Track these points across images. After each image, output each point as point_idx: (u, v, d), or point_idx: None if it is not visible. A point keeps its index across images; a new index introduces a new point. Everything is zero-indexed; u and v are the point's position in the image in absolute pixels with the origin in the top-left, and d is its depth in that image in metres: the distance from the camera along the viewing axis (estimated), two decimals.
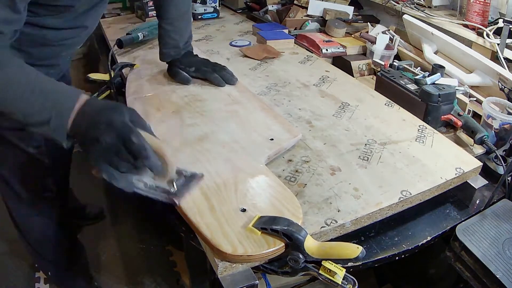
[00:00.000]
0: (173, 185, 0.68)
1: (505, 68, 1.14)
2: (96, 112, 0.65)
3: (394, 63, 1.27)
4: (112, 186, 0.64)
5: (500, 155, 0.92)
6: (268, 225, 0.62)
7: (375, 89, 1.21)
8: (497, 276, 0.70)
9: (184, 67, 1.13)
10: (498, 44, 1.19)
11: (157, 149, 0.66)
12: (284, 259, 0.64)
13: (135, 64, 1.26)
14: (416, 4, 1.54)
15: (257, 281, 0.63)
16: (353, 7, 1.78)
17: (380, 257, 0.75)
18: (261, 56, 1.40)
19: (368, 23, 1.69)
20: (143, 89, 1.11)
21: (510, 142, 0.99)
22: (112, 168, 0.64)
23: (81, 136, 0.65)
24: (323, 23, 1.74)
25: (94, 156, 0.63)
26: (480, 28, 1.25)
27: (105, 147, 0.62)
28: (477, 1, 1.26)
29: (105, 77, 1.20)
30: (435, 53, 1.35)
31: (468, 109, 1.12)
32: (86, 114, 0.65)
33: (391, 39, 1.45)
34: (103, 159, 0.63)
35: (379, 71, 1.23)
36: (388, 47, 1.43)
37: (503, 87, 1.09)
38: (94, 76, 1.19)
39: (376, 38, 1.45)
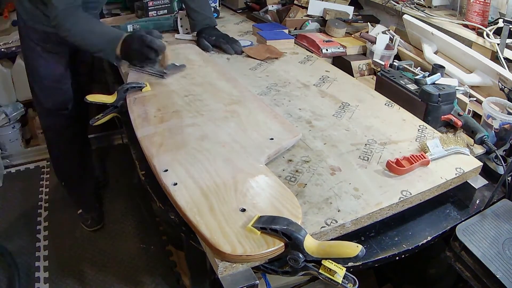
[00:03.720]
0: (166, 69, 1.19)
1: (505, 68, 1.14)
2: (132, 39, 1.18)
3: (394, 63, 1.27)
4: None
5: (500, 155, 0.92)
6: (268, 225, 0.62)
7: (375, 89, 1.21)
8: (497, 276, 0.70)
9: (207, 36, 1.49)
10: (498, 44, 1.19)
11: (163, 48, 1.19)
12: (284, 258, 0.64)
13: (144, 86, 1.10)
14: (416, 4, 1.54)
15: (257, 281, 0.63)
16: (353, 7, 1.78)
17: (380, 257, 0.75)
18: (264, 56, 1.40)
19: (368, 23, 1.69)
20: (144, 88, 1.11)
21: (510, 142, 0.99)
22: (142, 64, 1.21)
23: (127, 53, 1.19)
24: (323, 23, 1.74)
25: (134, 59, 1.21)
26: (480, 28, 1.25)
27: (140, 54, 1.18)
28: (477, 1, 1.26)
29: (104, 99, 1.07)
30: (435, 53, 1.35)
31: (468, 109, 1.11)
32: (127, 43, 1.18)
33: (391, 39, 1.45)
34: (139, 60, 1.20)
35: (379, 71, 1.23)
36: (388, 47, 1.43)
37: (503, 87, 1.09)
38: (92, 98, 1.05)
39: (376, 38, 1.44)
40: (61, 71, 1.55)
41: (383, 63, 1.32)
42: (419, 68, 1.28)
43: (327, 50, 1.50)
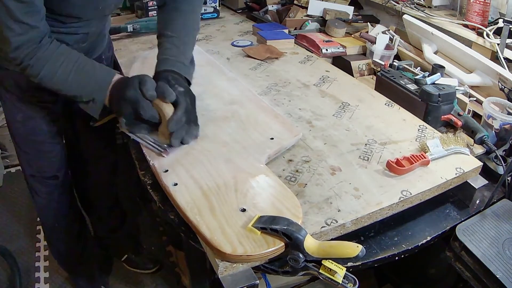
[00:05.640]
0: (166, 146, 0.85)
1: (505, 68, 1.14)
2: (117, 91, 0.85)
3: (394, 63, 1.27)
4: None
5: (500, 155, 0.91)
6: (268, 225, 0.62)
7: (375, 89, 1.21)
8: (497, 276, 0.70)
9: (174, 83, 0.87)
10: (498, 44, 1.19)
11: (160, 110, 0.85)
12: (284, 258, 0.64)
13: None
14: (416, 4, 1.54)
15: (258, 281, 0.63)
16: (353, 7, 1.78)
17: (380, 257, 0.75)
18: (264, 56, 1.40)
19: (368, 23, 1.69)
20: None
21: (510, 142, 0.99)
22: (132, 128, 0.87)
23: (114, 109, 0.87)
24: (323, 23, 1.74)
25: (122, 122, 0.86)
26: (480, 28, 1.25)
27: (126, 116, 0.85)
28: (477, 1, 1.26)
29: None
30: (435, 53, 1.35)
31: (468, 109, 1.12)
32: (113, 95, 0.86)
33: (391, 39, 1.45)
34: (127, 123, 0.86)
35: (379, 71, 1.23)
36: (388, 47, 1.43)
37: (503, 87, 1.09)
38: None
39: (376, 38, 1.45)
40: (47, 128, 1.11)
41: (383, 63, 1.32)
42: (419, 68, 1.28)
43: (327, 50, 1.50)
